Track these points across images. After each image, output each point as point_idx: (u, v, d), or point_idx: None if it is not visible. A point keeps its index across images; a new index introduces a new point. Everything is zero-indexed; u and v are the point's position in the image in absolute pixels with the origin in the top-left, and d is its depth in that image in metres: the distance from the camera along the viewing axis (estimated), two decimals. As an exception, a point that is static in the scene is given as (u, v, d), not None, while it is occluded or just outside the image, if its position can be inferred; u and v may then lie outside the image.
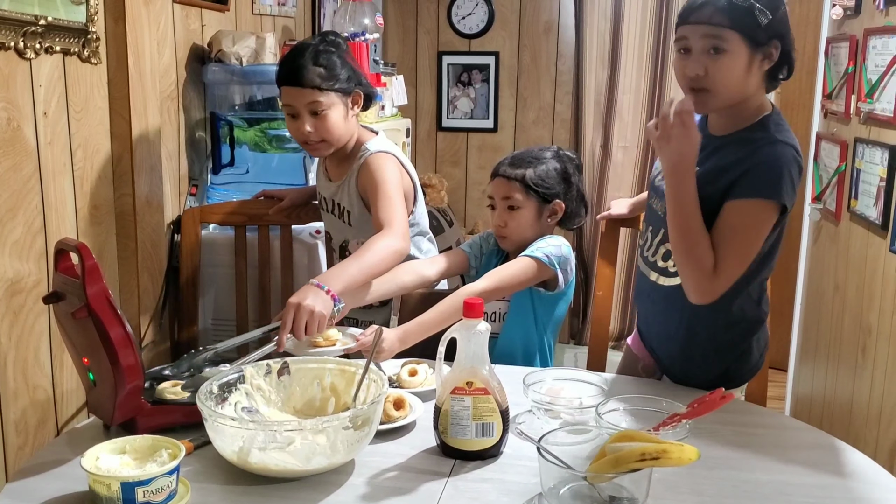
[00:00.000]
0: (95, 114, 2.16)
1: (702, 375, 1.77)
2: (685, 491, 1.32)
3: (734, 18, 1.57)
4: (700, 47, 1.60)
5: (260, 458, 1.30)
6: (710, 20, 1.58)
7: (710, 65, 1.59)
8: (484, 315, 1.44)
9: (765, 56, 1.61)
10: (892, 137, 2.46)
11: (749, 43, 1.58)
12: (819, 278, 3.20)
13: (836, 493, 1.33)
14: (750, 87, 1.63)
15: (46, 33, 1.91)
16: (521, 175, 1.99)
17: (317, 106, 2.01)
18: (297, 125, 2.05)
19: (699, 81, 1.61)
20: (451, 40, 4.30)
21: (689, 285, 1.61)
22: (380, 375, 1.47)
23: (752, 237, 1.60)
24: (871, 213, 2.57)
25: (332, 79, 2.02)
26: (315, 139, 2.05)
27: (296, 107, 2.03)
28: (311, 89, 2.00)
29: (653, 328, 1.88)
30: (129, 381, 1.40)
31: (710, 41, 1.58)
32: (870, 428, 2.56)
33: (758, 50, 1.59)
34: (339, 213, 2.21)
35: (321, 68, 2.01)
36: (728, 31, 1.57)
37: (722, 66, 1.59)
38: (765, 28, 1.57)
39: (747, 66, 1.60)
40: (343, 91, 2.05)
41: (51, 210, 1.98)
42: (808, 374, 3.34)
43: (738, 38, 1.57)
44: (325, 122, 2.03)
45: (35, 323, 1.94)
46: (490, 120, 4.35)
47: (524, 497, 1.29)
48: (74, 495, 1.28)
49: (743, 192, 1.58)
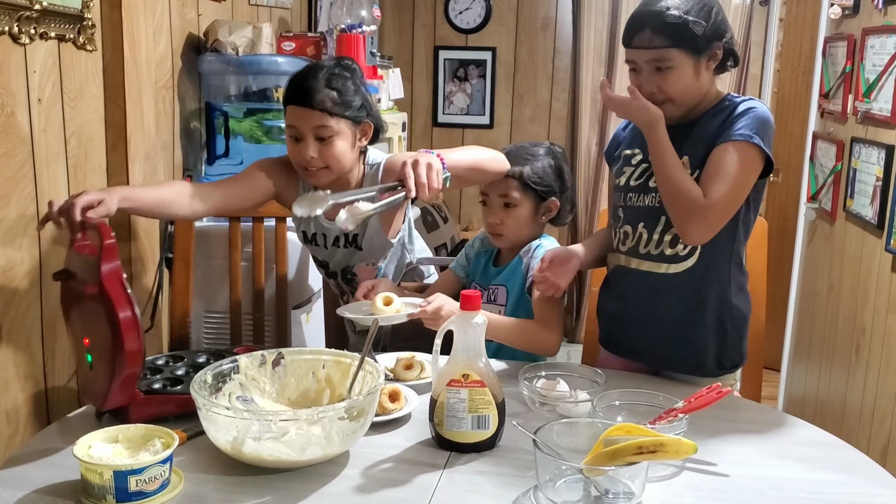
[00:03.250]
0: (90, 101, 2.14)
1: (694, 359, 1.81)
2: (681, 485, 1.32)
3: (672, 37, 1.68)
4: (648, 69, 1.72)
5: (254, 448, 1.29)
6: (650, 44, 1.70)
7: (660, 82, 1.72)
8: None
9: (710, 58, 1.73)
10: (888, 137, 2.46)
11: (692, 54, 1.70)
12: (813, 278, 3.20)
13: (831, 488, 1.32)
14: (703, 86, 1.76)
15: (41, 19, 1.90)
16: (518, 172, 1.96)
17: (324, 131, 1.90)
18: (299, 148, 1.92)
19: (655, 97, 1.72)
20: (448, 35, 4.30)
21: (685, 220, 1.68)
22: (375, 367, 1.46)
23: (740, 174, 1.67)
24: (867, 212, 2.57)
25: (343, 105, 1.91)
26: (317, 165, 1.93)
27: (301, 129, 1.91)
28: (321, 112, 1.88)
29: (651, 324, 1.86)
30: (129, 366, 1.39)
31: (655, 63, 1.71)
32: (863, 427, 2.57)
33: (702, 55, 1.72)
34: (344, 243, 2.11)
35: (334, 92, 1.90)
36: (669, 50, 1.69)
37: (672, 82, 1.71)
38: (703, 36, 1.69)
39: (694, 72, 1.72)
40: (353, 119, 1.94)
41: (44, 197, 1.96)
42: (801, 374, 3.35)
43: (680, 54, 1.70)
44: (330, 148, 1.92)
45: (27, 311, 1.92)
46: (486, 116, 4.34)
47: (520, 490, 1.29)
48: (66, 483, 1.27)
49: (729, 136, 1.68)
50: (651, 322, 1.83)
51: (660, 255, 1.78)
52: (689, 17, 1.66)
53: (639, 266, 1.82)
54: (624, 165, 1.87)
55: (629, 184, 1.84)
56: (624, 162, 1.88)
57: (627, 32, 1.73)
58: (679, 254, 1.77)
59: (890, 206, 2.39)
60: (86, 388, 1.52)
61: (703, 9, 1.69)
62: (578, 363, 1.96)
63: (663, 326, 1.82)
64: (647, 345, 1.86)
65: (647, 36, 1.69)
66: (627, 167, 1.86)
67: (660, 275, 1.79)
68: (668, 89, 1.72)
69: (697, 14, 1.67)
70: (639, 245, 1.81)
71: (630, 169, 1.85)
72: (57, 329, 2.03)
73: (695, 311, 1.79)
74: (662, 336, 1.83)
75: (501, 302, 1.98)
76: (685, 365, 1.81)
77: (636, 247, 1.82)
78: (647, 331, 1.85)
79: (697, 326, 1.80)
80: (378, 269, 2.12)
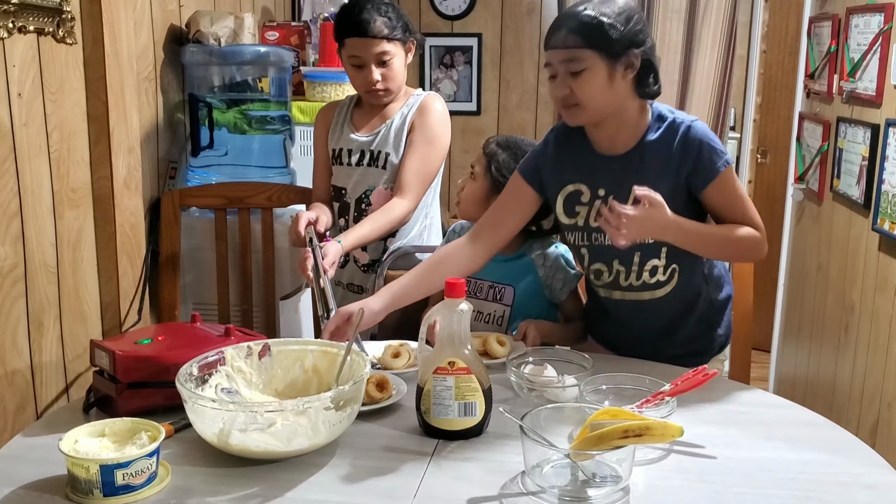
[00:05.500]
0: (71, 95, 2.12)
1: (683, 349, 1.84)
2: (669, 468, 1.32)
3: (586, 37, 1.63)
4: (563, 70, 1.66)
5: (241, 439, 1.29)
6: (564, 43, 1.65)
7: (573, 84, 1.66)
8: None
9: (626, 66, 1.66)
10: (874, 116, 2.46)
11: (605, 57, 1.64)
12: (802, 258, 3.21)
13: (818, 468, 1.33)
14: (617, 96, 1.68)
15: (19, 12, 1.88)
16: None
17: (385, 56, 2.13)
18: (363, 75, 2.15)
19: (567, 100, 1.68)
20: (434, 22, 4.27)
21: (756, 256, 1.75)
22: (362, 356, 1.46)
23: (743, 193, 1.76)
24: (854, 192, 2.58)
25: (395, 28, 2.13)
26: (381, 87, 2.16)
27: (364, 57, 2.12)
28: (380, 39, 2.10)
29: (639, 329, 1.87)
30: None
31: (569, 64, 1.65)
32: (852, 406, 2.58)
33: (617, 62, 1.65)
34: (370, 161, 2.24)
35: (386, 19, 2.12)
36: (582, 50, 1.63)
37: (583, 84, 1.65)
38: (618, 40, 1.64)
39: (608, 78, 1.65)
40: (402, 41, 2.17)
41: (27, 193, 1.95)
42: (791, 355, 3.36)
43: (593, 55, 1.63)
44: (390, 70, 2.15)
45: (12, 307, 1.91)
46: (473, 103, 4.32)
47: (507, 476, 1.29)
48: (53, 479, 1.27)
49: (710, 174, 1.69)
50: (639, 327, 1.86)
51: (641, 285, 1.79)
52: (605, 20, 1.62)
53: (620, 297, 1.83)
54: (574, 204, 1.79)
55: (588, 224, 1.78)
56: (571, 199, 1.79)
57: (547, 35, 1.69)
58: (659, 280, 1.78)
59: (876, 185, 2.39)
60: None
61: (622, 14, 1.64)
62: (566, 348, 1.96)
63: (651, 331, 1.86)
64: (636, 343, 1.87)
65: (562, 36, 1.65)
66: (579, 206, 1.78)
67: (644, 301, 1.81)
68: (579, 92, 1.65)
69: (615, 18, 1.63)
70: (618, 280, 1.81)
71: (584, 208, 1.78)
72: (43, 324, 2.02)
73: (682, 315, 1.84)
74: (652, 336, 1.86)
75: (507, 302, 1.97)
76: (676, 356, 1.82)
77: (615, 282, 1.81)
78: (635, 333, 1.88)
79: (687, 325, 1.85)
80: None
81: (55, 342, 2.07)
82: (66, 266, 2.11)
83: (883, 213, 2.33)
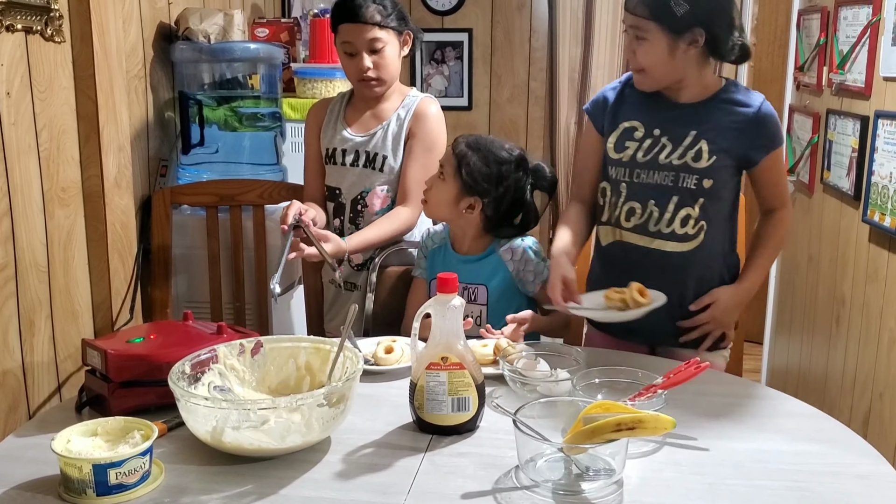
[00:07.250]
0: (60, 93, 2.11)
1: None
2: (662, 461, 1.33)
3: (651, 8, 1.73)
4: (631, 34, 1.78)
5: (234, 437, 1.28)
6: (633, 10, 1.76)
7: (637, 49, 1.78)
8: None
9: (690, 42, 1.74)
10: (863, 108, 2.47)
11: (668, 31, 1.72)
12: (793, 250, 3.22)
13: (811, 459, 1.34)
14: (679, 68, 1.78)
15: (7, 10, 1.87)
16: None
17: (376, 43, 2.12)
18: (355, 62, 2.14)
19: (633, 63, 1.81)
20: (424, 17, 4.26)
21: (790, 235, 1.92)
22: (355, 353, 1.46)
23: (785, 172, 1.92)
24: (844, 183, 2.59)
25: (388, 16, 2.13)
26: (372, 76, 2.15)
27: (355, 44, 2.12)
28: (372, 26, 2.10)
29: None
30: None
31: (635, 30, 1.76)
32: (844, 397, 2.59)
33: (679, 37, 1.73)
34: (366, 162, 2.23)
35: (380, 6, 2.12)
36: (647, 21, 1.74)
37: (645, 52, 1.76)
38: (681, 17, 1.70)
39: (669, 51, 1.75)
40: (397, 30, 2.16)
41: (16, 192, 1.94)
42: (783, 347, 3.37)
43: (655, 28, 1.73)
44: (382, 58, 2.14)
45: (3, 307, 1.91)
46: (465, 98, 4.31)
47: (501, 470, 1.29)
48: (46, 479, 1.26)
49: (773, 144, 1.83)
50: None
51: (670, 233, 1.80)
52: None
53: (645, 244, 1.82)
54: (626, 140, 1.86)
55: (636, 160, 1.83)
56: (625, 135, 1.87)
57: None
58: (688, 233, 1.80)
59: (866, 176, 2.40)
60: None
61: None
62: (560, 342, 1.96)
63: (668, 305, 1.76)
64: (648, 322, 1.76)
65: (633, 2, 1.76)
66: (630, 142, 1.85)
67: (666, 253, 1.80)
68: (641, 58, 1.77)
69: None
70: (648, 222, 1.82)
71: (634, 144, 1.84)
72: (35, 324, 2.01)
73: (702, 291, 1.85)
74: (668, 314, 1.80)
75: (482, 301, 1.97)
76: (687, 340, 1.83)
77: (645, 224, 1.82)
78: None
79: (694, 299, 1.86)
80: (390, 199, 2.22)
81: (47, 342, 2.07)
82: (57, 265, 2.10)
83: (873, 204, 2.34)
